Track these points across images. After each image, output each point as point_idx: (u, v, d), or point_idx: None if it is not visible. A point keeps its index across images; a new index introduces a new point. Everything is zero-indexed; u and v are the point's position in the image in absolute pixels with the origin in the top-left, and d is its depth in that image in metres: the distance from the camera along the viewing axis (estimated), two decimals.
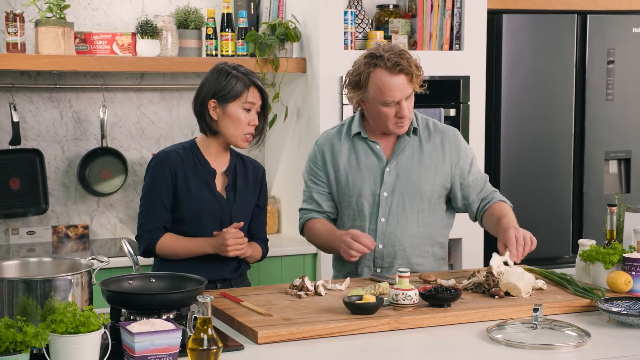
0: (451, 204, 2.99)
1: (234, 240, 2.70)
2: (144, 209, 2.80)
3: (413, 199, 2.88)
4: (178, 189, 2.76)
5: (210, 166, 2.81)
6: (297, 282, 2.61)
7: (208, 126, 2.78)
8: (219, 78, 2.75)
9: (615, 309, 2.40)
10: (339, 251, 2.78)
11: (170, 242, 2.76)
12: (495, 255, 2.72)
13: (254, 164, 2.92)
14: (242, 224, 2.74)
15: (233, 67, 2.78)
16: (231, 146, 2.85)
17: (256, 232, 2.92)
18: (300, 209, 3.01)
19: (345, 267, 2.97)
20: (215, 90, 2.74)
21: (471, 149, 3.01)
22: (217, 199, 2.79)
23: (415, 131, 2.92)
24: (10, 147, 3.89)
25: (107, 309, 2.24)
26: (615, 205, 2.85)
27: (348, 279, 2.72)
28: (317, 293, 2.58)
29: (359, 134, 2.93)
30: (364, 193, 2.89)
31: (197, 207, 2.76)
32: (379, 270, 2.90)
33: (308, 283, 2.59)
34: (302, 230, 3.01)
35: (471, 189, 2.94)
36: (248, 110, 2.75)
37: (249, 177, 2.87)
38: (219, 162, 2.83)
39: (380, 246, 2.89)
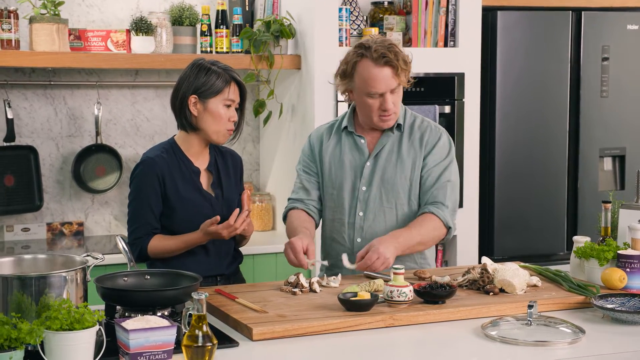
0: None
1: (227, 232, 2.69)
2: (132, 215, 2.79)
3: (390, 194, 2.87)
4: (168, 194, 2.76)
5: (193, 165, 2.80)
6: (292, 279, 2.61)
7: (188, 122, 2.77)
8: (198, 74, 2.74)
9: (609, 306, 2.41)
10: None
11: (161, 244, 2.75)
12: (485, 259, 2.72)
13: (232, 155, 2.93)
14: (218, 218, 2.70)
15: (212, 62, 2.78)
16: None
17: None
18: (288, 199, 3.03)
19: (328, 258, 2.97)
20: (196, 86, 2.73)
21: (450, 157, 2.90)
22: (207, 199, 2.79)
23: (399, 127, 2.91)
24: (5, 144, 3.89)
25: (102, 306, 2.24)
26: (609, 202, 2.85)
27: (340, 275, 2.72)
28: (311, 290, 2.58)
29: (346, 127, 2.93)
30: (344, 186, 2.90)
31: (189, 210, 2.76)
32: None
33: (303, 280, 2.59)
34: (285, 219, 3.02)
35: (420, 187, 2.88)
36: (228, 106, 2.76)
37: (229, 169, 2.88)
38: (201, 160, 2.83)
39: (359, 240, 2.88)
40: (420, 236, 2.80)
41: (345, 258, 2.71)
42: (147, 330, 1.93)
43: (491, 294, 2.53)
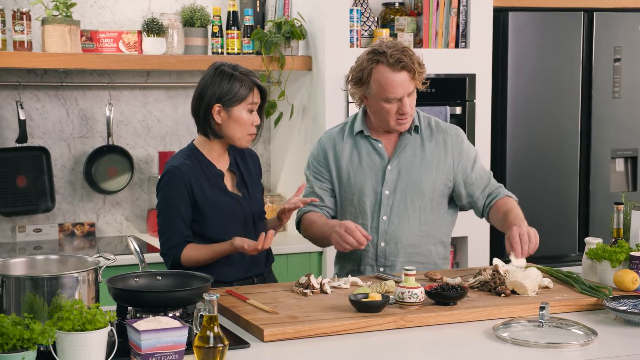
0: (454, 203, 2.99)
1: (255, 252, 2.66)
2: (163, 225, 2.75)
3: (415, 197, 2.88)
4: (197, 200, 2.73)
5: (216, 168, 2.79)
6: (303, 280, 2.61)
7: (212, 130, 2.75)
8: (222, 82, 2.71)
9: (622, 308, 2.40)
10: (331, 242, 2.76)
11: (193, 254, 2.72)
12: (496, 260, 2.72)
13: (250, 153, 2.93)
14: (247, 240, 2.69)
15: (233, 67, 2.74)
16: None
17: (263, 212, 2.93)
18: None
19: (348, 265, 2.97)
20: (219, 94, 2.71)
21: (474, 147, 3.01)
22: (235, 200, 2.78)
23: (417, 129, 2.91)
24: (17, 145, 3.90)
25: (114, 307, 2.24)
26: (622, 204, 2.84)
27: (350, 276, 2.71)
28: (322, 291, 2.58)
29: (361, 132, 2.93)
30: (365, 191, 2.89)
31: (220, 213, 2.74)
32: (381, 269, 2.90)
33: (314, 281, 2.59)
34: (299, 224, 3.00)
35: (475, 186, 2.93)
36: (251, 111, 2.75)
37: (250, 167, 2.88)
38: (223, 162, 2.82)
39: (382, 244, 2.89)
40: (520, 216, 2.84)
41: (512, 255, 2.70)
42: (159, 331, 1.93)
43: (502, 295, 2.53)
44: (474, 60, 4.09)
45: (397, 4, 4.19)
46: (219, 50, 4.02)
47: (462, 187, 2.93)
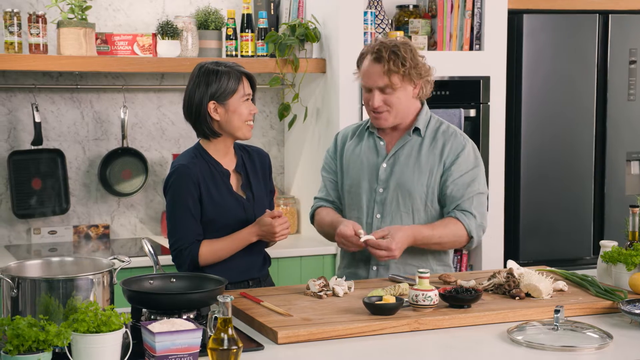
0: None
1: (280, 227, 2.70)
2: (174, 224, 2.74)
3: (406, 198, 2.86)
4: (203, 200, 2.74)
5: (223, 167, 2.79)
6: (319, 282, 2.60)
7: (210, 129, 2.75)
8: (209, 80, 2.72)
9: (637, 311, 2.38)
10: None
11: (211, 249, 2.72)
12: (511, 263, 2.71)
13: (259, 153, 2.92)
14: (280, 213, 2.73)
15: (216, 64, 2.76)
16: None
17: None
18: (315, 198, 3.06)
19: (345, 260, 2.99)
20: (211, 92, 2.72)
21: (477, 166, 2.88)
22: (239, 202, 2.78)
23: (418, 131, 2.90)
24: (32, 148, 3.92)
25: (128, 309, 2.25)
26: (637, 207, 2.82)
27: (350, 282, 2.69)
28: (334, 294, 2.57)
29: (369, 128, 2.95)
30: (362, 185, 2.91)
31: (223, 214, 2.74)
32: (374, 267, 2.89)
33: (332, 282, 2.59)
34: (312, 219, 3.05)
35: (446, 198, 2.86)
36: (246, 100, 2.76)
37: (257, 168, 2.87)
38: (229, 161, 2.82)
39: None
40: (440, 238, 2.81)
41: (362, 232, 2.73)
42: (173, 333, 1.94)
43: (517, 298, 2.52)
44: (489, 62, 4.08)
45: (411, 7, 4.19)
46: (233, 53, 4.03)
47: (441, 196, 2.89)
